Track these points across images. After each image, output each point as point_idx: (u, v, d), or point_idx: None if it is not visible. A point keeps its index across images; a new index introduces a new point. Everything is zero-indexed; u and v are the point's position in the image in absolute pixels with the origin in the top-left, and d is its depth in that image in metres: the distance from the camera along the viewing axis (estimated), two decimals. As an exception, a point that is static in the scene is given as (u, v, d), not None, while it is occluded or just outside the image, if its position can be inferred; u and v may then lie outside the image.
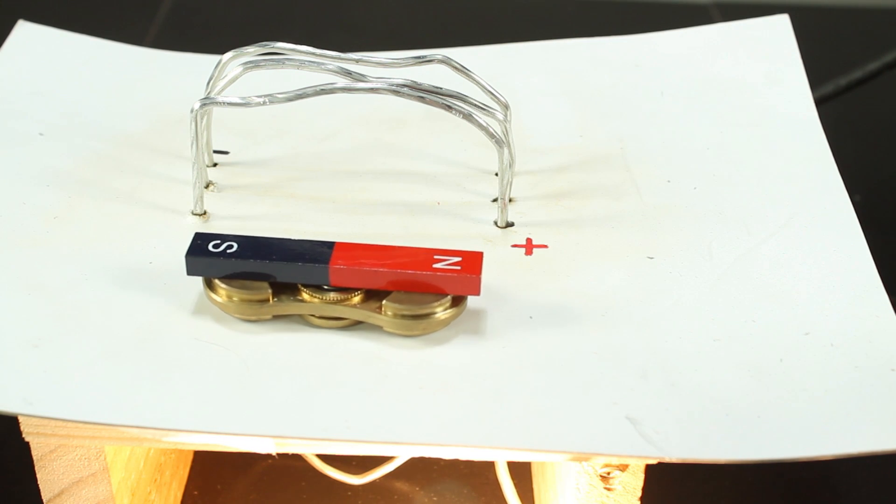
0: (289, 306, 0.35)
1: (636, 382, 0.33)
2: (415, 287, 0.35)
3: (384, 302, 0.35)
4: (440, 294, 0.35)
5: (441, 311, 0.35)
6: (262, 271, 0.35)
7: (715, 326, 0.36)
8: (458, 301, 0.35)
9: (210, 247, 0.35)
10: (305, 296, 0.35)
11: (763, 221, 0.40)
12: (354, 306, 0.35)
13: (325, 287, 0.35)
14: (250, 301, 0.35)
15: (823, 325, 0.36)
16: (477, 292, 0.35)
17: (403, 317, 0.35)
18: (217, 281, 0.35)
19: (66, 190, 0.41)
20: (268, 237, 0.36)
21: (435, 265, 0.35)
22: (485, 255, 0.39)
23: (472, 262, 0.35)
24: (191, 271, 0.35)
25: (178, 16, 0.85)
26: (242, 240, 0.36)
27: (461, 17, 0.87)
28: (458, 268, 0.35)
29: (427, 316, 0.35)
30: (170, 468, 0.44)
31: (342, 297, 0.35)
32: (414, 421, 0.32)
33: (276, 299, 0.35)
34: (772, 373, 0.34)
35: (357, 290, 0.35)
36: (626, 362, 0.34)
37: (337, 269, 0.35)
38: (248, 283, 0.35)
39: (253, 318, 0.35)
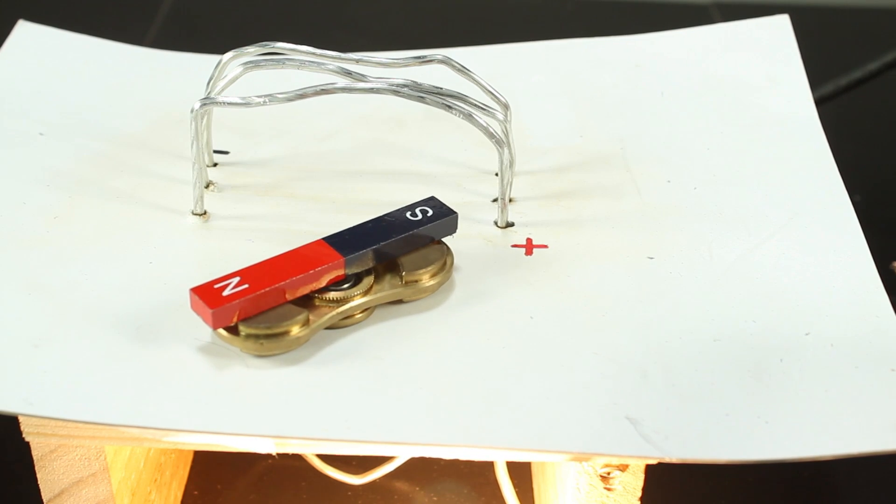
0: None
1: (636, 382, 0.33)
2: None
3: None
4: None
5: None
6: None
7: (715, 326, 0.36)
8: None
9: None
10: None
11: (763, 221, 0.40)
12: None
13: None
14: None
15: (823, 325, 0.36)
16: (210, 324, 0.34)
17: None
18: None
19: (66, 190, 0.41)
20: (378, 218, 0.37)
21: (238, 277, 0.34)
22: (485, 255, 0.39)
23: (225, 297, 0.33)
24: None
25: (178, 16, 0.85)
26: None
27: (461, 17, 0.87)
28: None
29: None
30: (170, 468, 0.44)
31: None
32: (414, 421, 0.32)
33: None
34: (772, 373, 0.34)
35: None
36: (626, 362, 0.34)
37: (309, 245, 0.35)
38: None
39: None
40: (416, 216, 0.37)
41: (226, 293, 0.33)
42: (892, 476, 0.49)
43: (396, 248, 0.36)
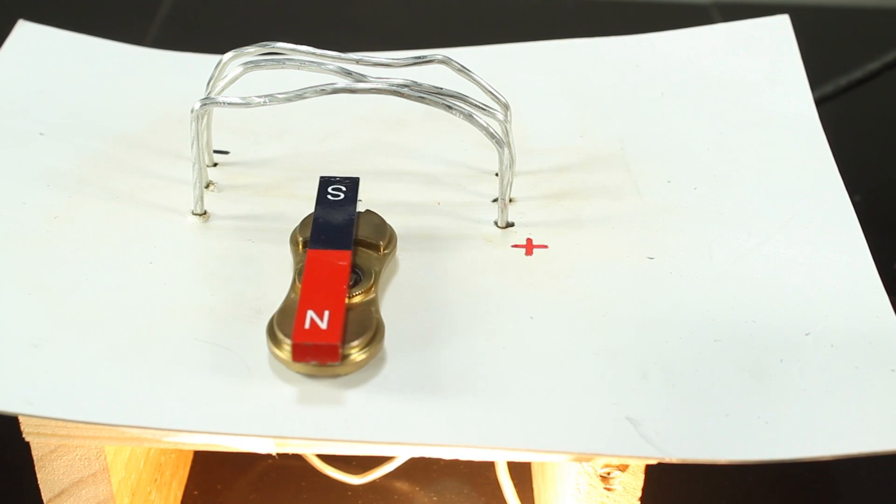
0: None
1: (636, 382, 0.34)
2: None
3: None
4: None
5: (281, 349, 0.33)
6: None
7: (715, 326, 0.36)
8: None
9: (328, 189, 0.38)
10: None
11: (763, 221, 0.40)
12: None
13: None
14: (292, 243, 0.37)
15: (823, 326, 0.36)
16: (296, 357, 0.32)
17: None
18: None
19: (66, 190, 0.41)
20: (353, 208, 0.37)
21: (310, 310, 0.33)
22: (485, 255, 0.39)
23: (326, 332, 0.32)
24: None
25: (178, 16, 0.85)
26: (332, 196, 0.38)
27: (461, 17, 0.87)
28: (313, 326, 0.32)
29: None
30: (170, 468, 0.44)
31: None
32: (414, 421, 0.32)
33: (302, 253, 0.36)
34: (772, 373, 0.34)
35: None
36: (626, 362, 0.34)
37: (308, 258, 0.35)
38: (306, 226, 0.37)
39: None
40: (339, 195, 0.38)
41: (323, 326, 0.32)
42: (893, 476, 0.49)
43: (357, 228, 0.37)
